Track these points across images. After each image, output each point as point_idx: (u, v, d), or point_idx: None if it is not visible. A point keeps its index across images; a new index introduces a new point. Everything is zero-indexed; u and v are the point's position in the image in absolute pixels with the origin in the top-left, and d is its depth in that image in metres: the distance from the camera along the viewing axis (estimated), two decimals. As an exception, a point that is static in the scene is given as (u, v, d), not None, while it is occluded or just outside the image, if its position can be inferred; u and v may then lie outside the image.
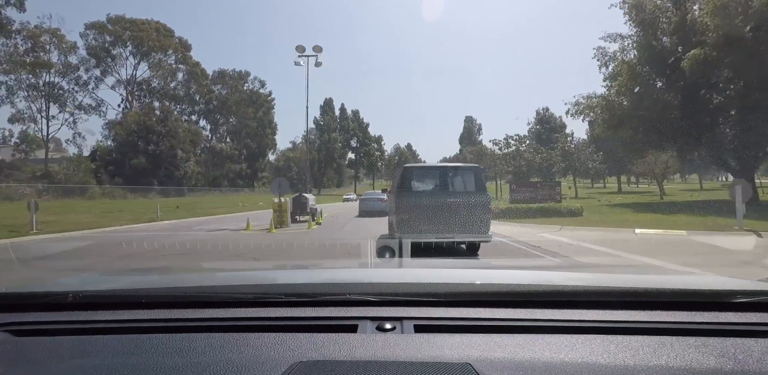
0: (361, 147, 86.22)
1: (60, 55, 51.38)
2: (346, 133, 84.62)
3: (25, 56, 47.13)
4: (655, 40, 20.52)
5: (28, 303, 1.26)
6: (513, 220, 14.95)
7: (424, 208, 7.16)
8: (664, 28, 20.44)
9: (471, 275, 1.61)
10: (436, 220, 7.09)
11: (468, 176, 7.61)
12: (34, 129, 51.03)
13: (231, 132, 70.97)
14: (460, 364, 0.86)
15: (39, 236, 12.06)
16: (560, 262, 6.53)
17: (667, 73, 20.10)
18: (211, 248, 9.53)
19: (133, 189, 40.81)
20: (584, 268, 2.84)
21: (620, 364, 0.87)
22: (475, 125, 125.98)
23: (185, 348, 0.97)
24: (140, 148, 45.68)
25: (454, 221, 7.06)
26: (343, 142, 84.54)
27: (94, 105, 55.31)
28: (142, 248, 9.55)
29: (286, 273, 2.17)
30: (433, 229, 7.04)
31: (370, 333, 1.04)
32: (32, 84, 48.12)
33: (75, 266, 7.60)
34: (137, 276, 2.00)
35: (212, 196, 50.25)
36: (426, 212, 7.13)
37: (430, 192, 7.57)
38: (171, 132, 46.31)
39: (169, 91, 62.90)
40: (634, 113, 20.44)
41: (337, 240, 9.84)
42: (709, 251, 8.14)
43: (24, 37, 47.49)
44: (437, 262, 3.38)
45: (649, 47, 20.29)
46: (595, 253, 8.15)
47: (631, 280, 1.53)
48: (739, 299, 1.15)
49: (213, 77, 69.08)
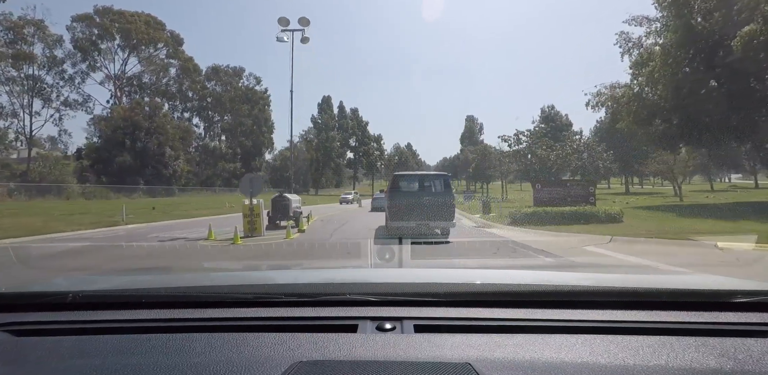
0: (359, 146, 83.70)
1: (45, 48, 48.89)
2: (345, 132, 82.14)
3: (6, 48, 44.59)
4: (692, 20, 17.97)
5: (28, 303, 1.25)
6: (543, 227, 12.39)
7: (409, 203, 10.07)
8: (700, 5, 17.92)
9: (471, 275, 1.60)
10: (416, 211, 9.97)
11: (438, 181, 10.74)
12: (17, 125, 48.51)
13: (225, 130, 68.48)
14: (460, 364, 0.86)
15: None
16: (558, 262, 6.44)
17: (709, 57, 17.53)
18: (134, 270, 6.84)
19: (119, 188, 38.35)
20: (583, 267, 2.82)
21: (620, 364, 0.87)
22: (477, 125, 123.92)
23: (185, 348, 0.97)
24: (127, 146, 43.12)
25: (428, 212, 9.94)
26: (342, 141, 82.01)
27: (80, 101, 52.78)
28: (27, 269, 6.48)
29: (286, 273, 2.08)
30: (415, 218, 9.96)
31: (370, 333, 1.04)
32: (12, 77, 45.46)
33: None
34: (137, 276, 1.98)
35: (203, 196, 47.75)
36: (409, 205, 10.02)
37: (413, 192, 10.47)
38: (159, 128, 43.73)
39: (160, 88, 60.31)
40: (669, 104, 17.93)
41: (317, 258, 7.78)
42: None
43: (5, 28, 45.01)
44: (437, 263, 4.02)
45: (687, 28, 17.73)
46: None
47: (630, 280, 1.53)
48: (739, 299, 1.15)
49: (207, 73, 66.64)
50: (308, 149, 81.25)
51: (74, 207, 24.91)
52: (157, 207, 24.48)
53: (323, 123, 78.66)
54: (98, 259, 8.15)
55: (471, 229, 14.27)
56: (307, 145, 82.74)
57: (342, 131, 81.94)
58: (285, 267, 2.73)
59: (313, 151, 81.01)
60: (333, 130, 79.62)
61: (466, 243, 10.09)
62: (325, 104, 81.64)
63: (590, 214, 13.24)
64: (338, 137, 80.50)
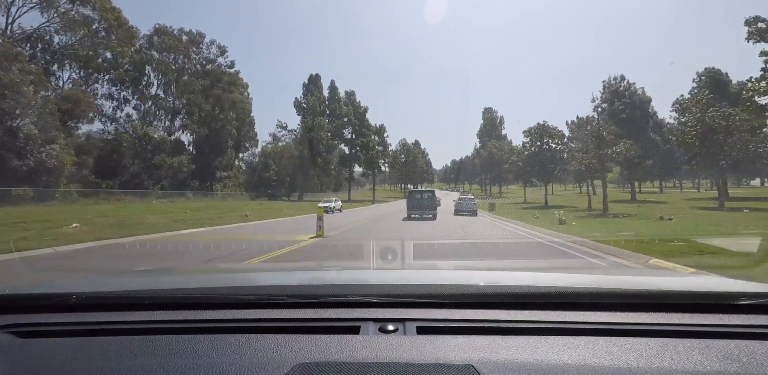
0: (356, 138, 65.87)
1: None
2: (338, 120, 64.38)
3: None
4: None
5: (32, 304, 1.25)
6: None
7: (416, 202, 23.50)
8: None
9: (473, 277, 1.61)
10: (420, 205, 23.20)
11: (430, 192, 24.89)
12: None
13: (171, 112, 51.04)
14: (462, 365, 0.87)
15: None
16: (561, 263, 6.53)
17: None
18: None
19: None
20: (584, 269, 2.82)
21: (623, 367, 0.88)
22: (497, 117, 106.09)
23: (188, 349, 0.98)
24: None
25: (425, 206, 23.14)
26: (334, 131, 64.14)
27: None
28: None
29: (288, 274, 2.04)
30: (419, 208, 23.02)
31: (373, 334, 1.04)
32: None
33: None
34: (140, 277, 1.98)
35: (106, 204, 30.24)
36: (417, 203, 23.35)
37: (418, 197, 24.00)
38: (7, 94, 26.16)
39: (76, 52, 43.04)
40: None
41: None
42: None
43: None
44: (439, 264, 3.83)
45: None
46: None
47: (633, 281, 1.52)
48: (743, 301, 1.15)
49: (148, 38, 49.50)
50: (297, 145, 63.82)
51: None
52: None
53: (309, 107, 60.91)
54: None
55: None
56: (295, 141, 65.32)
57: (334, 119, 64.16)
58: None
59: (297, 144, 63.46)
60: (322, 115, 61.71)
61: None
62: (313, 85, 64.03)
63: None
64: (329, 126, 62.64)
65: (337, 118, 64.05)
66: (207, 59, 55.42)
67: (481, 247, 9.93)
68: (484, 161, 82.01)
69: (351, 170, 68.73)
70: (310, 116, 59.75)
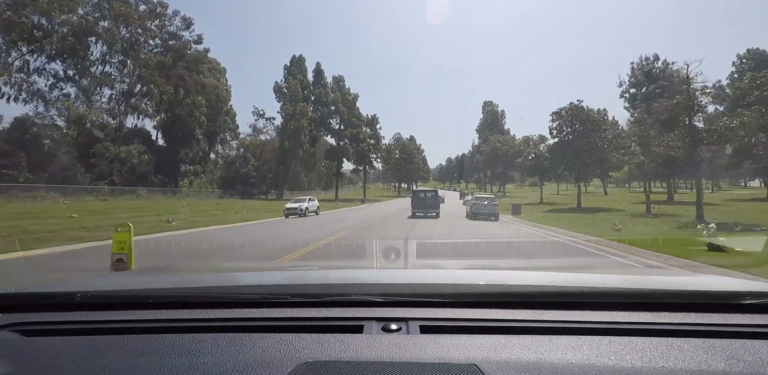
0: (345, 128, 58.18)
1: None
2: (324, 108, 56.64)
3: None
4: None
5: (37, 303, 1.25)
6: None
7: (420, 201, 24.16)
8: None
9: (476, 276, 1.60)
10: (423, 204, 23.81)
11: (433, 192, 25.29)
12: None
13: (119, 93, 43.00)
14: (465, 365, 0.87)
15: None
16: (565, 263, 6.47)
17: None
18: None
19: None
20: (587, 269, 2.83)
21: (627, 366, 0.87)
22: (498, 111, 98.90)
23: (192, 348, 0.98)
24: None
25: (429, 205, 23.90)
26: (319, 120, 56.38)
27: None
28: None
29: (292, 273, 2.05)
30: (423, 207, 23.64)
31: (376, 334, 1.05)
32: None
33: None
34: (144, 276, 1.99)
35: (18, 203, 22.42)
36: (421, 202, 24.02)
37: (422, 195, 24.49)
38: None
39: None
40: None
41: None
42: None
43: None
44: (443, 263, 3.88)
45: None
46: None
47: (637, 281, 1.51)
48: (748, 301, 1.14)
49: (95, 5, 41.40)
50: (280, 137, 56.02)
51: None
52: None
53: (290, 92, 53.09)
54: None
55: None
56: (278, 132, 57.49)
57: (320, 106, 56.43)
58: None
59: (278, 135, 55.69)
60: (305, 101, 53.92)
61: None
62: (296, 67, 56.20)
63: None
64: (313, 114, 54.89)
65: (322, 105, 56.37)
66: (170, 34, 47.53)
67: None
68: (486, 157, 74.69)
69: (339, 164, 61.00)
70: (291, 102, 51.92)
